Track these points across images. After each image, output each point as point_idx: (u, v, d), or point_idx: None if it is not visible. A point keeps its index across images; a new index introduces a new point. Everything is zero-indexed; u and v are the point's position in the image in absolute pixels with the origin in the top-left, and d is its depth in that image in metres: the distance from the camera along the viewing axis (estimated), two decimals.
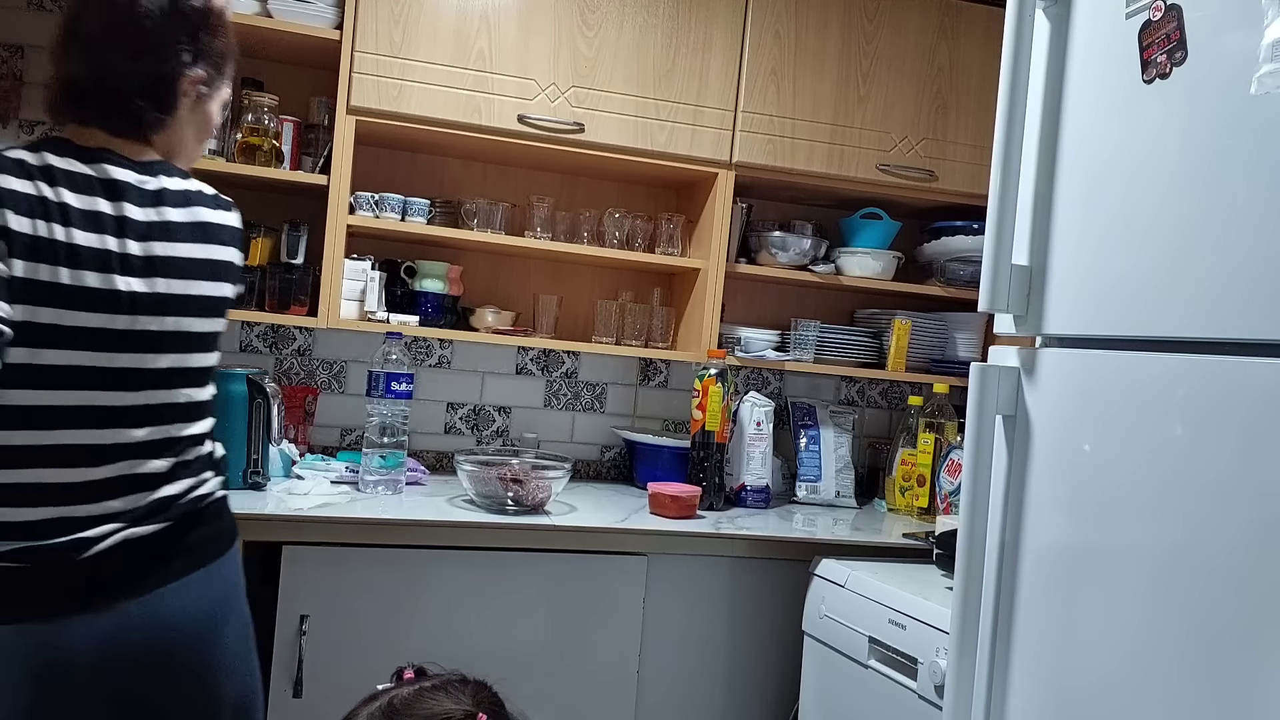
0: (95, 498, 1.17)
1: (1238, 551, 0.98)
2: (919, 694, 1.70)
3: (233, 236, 1.31)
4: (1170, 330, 1.08)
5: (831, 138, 2.43)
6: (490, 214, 2.37)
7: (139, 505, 1.20)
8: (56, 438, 1.15)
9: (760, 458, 2.47)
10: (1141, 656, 1.08)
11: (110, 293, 1.16)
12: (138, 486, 1.20)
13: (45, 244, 1.12)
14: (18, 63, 2.31)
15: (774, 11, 2.39)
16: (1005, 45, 1.29)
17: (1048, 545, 1.23)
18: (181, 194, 1.26)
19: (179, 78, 1.26)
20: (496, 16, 2.23)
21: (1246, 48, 0.99)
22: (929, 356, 2.67)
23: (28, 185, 1.12)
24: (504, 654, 1.99)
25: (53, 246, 1.12)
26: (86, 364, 1.16)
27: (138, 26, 1.21)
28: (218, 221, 1.29)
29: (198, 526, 1.26)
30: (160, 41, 1.24)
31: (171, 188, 1.25)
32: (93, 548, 1.16)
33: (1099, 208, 1.19)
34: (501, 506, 2.08)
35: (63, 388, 1.15)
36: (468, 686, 1.01)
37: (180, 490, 1.24)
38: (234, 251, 1.31)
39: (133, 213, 1.19)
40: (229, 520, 1.33)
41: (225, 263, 1.29)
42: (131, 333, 1.18)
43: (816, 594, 2.04)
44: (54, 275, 1.12)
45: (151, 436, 1.22)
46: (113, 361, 1.18)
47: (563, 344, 2.44)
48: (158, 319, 1.20)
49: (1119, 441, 1.13)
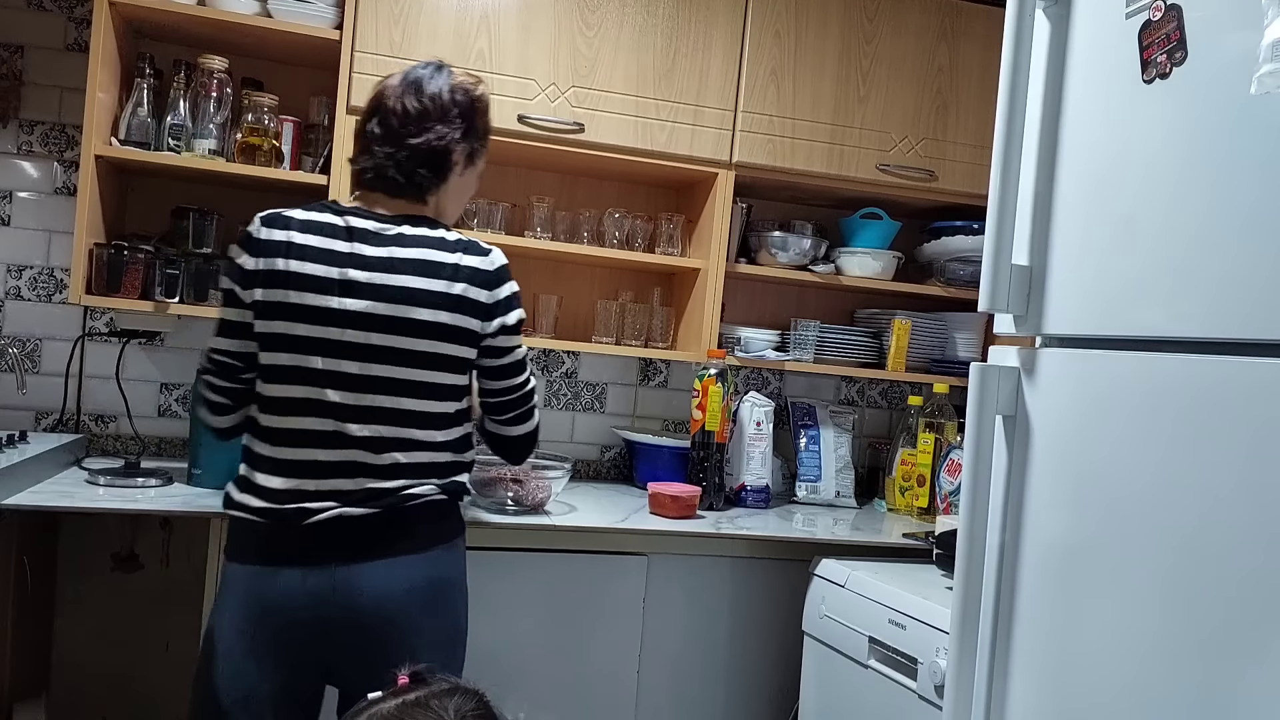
0: (321, 476, 1.45)
1: (1239, 552, 0.98)
2: (919, 694, 1.70)
3: (470, 275, 1.52)
4: (1170, 330, 1.08)
5: (831, 138, 2.43)
6: (490, 214, 2.37)
7: (355, 490, 1.46)
8: (294, 423, 1.45)
9: (760, 458, 2.47)
10: (1141, 656, 1.08)
11: (325, 309, 1.45)
12: (355, 474, 1.46)
13: (279, 275, 1.45)
14: (18, 63, 2.31)
15: (774, 11, 2.39)
16: (1005, 45, 1.29)
17: (1048, 545, 1.23)
18: (417, 238, 1.52)
19: (452, 151, 1.56)
20: (496, 16, 2.23)
21: (1246, 48, 0.98)
22: (929, 356, 2.67)
23: (278, 234, 1.47)
24: (504, 654, 1.99)
25: (285, 276, 1.45)
26: (311, 366, 1.45)
27: (426, 113, 1.54)
28: (445, 261, 1.52)
29: (407, 520, 1.48)
30: (440, 123, 1.55)
31: (408, 233, 1.52)
32: (313, 517, 1.44)
33: (1099, 207, 1.19)
34: (501, 506, 2.08)
35: (295, 384, 1.45)
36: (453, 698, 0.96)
37: (394, 486, 1.48)
38: (465, 286, 1.52)
39: (364, 251, 1.49)
40: (445, 523, 1.55)
41: (452, 295, 1.51)
42: (346, 343, 1.46)
43: (816, 594, 2.04)
44: (284, 297, 1.45)
45: (369, 434, 1.47)
46: (333, 366, 1.46)
47: (563, 344, 2.44)
48: (367, 334, 1.46)
49: (1119, 441, 1.13)
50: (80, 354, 2.35)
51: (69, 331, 2.34)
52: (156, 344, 2.40)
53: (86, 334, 2.35)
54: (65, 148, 2.33)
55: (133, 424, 2.37)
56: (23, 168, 2.32)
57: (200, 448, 2.08)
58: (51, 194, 2.34)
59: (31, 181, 2.33)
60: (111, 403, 2.36)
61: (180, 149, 2.13)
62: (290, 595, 1.44)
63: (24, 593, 1.99)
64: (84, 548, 2.34)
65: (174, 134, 2.13)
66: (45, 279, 2.34)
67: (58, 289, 2.35)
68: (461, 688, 0.99)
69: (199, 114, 2.14)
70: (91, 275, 2.10)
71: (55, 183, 2.34)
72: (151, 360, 2.40)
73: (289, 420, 1.46)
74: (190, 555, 2.34)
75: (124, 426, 2.38)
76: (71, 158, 2.33)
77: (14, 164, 2.32)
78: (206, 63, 2.14)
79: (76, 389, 2.36)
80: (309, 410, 1.46)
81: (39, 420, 2.34)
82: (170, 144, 2.13)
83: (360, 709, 0.98)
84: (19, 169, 2.32)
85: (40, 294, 2.34)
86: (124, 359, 2.36)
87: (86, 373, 2.36)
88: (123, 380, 2.35)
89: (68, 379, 2.34)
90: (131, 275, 2.12)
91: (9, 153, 2.31)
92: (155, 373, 2.41)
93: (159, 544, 2.37)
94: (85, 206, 2.05)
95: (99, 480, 1.99)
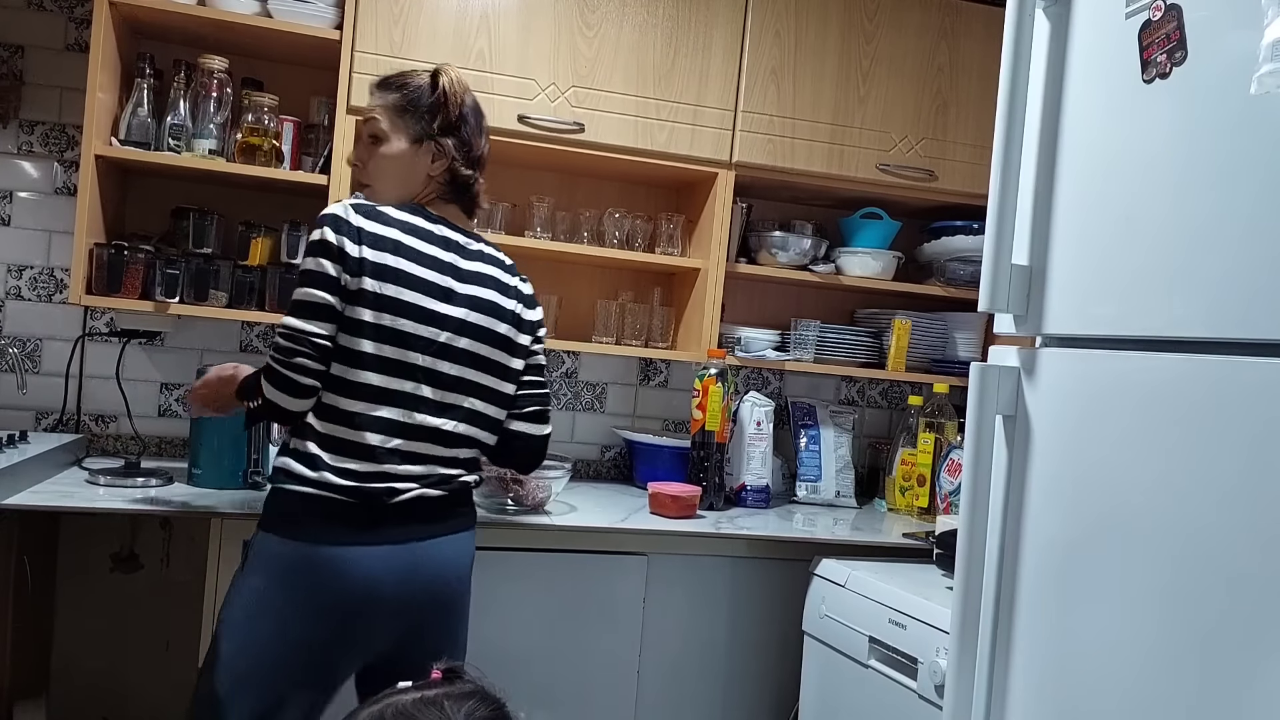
0: (403, 462, 1.53)
1: (1239, 552, 0.98)
2: (919, 694, 1.70)
3: (518, 295, 1.69)
4: (1171, 330, 1.08)
5: (831, 137, 2.43)
6: (490, 214, 2.37)
7: (429, 475, 1.56)
8: (384, 412, 1.51)
9: (760, 458, 2.47)
10: (1141, 656, 1.08)
11: (433, 312, 1.54)
12: (428, 461, 1.56)
13: (391, 271, 1.51)
14: (18, 63, 2.31)
15: (774, 11, 2.39)
16: (1005, 45, 1.29)
17: (1048, 545, 1.23)
18: (491, 257, 1.67)
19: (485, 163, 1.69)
20: (496, 16, 2.23)
21: (1246, 48, 0.98)
22: (929, 356, 2.67)
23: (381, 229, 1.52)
24: (504, 654, 1.99)
25: (397, 274, 1.51)
26: (413, 362, 1.53)
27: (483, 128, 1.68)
28: (508, 282, 1.67)
29: (460, 502, 1.64)
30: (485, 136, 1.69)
31: (485, 252, 1.67)
32: (399, 496, 1.52)
33: (1099, 207, 1.19)
34: (501, 506, 2.08)
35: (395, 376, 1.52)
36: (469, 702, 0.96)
37: (455, 474, 1.61)
38: (518, 305, 1.68)
39: (458, 263, 1.60)
40: (474, 507, 1.70)
41: (514, 313, 1.66)
42: (444, 345, 1.55)
43: (816, 594, 2.04)
44: (398, 294, 1.51)
45: (449, 428, 1.57)
46: (431, 364, 1.54)
47: (563, 344, 2.44)
48: (461, 339, 1.57)
49: (1119, 441, 1.13)
50: (80, 354, 2.35)
51: (69, 331, 2.34)
52: (156, 344, 2.40)
53: (87, 334, 2.35)
54: (65, 148, 2.33)
55: (133, 424, 2.37)
56: (23, 168, 2.32)
57: (200, 448, 2.08)
58: (51, 194, 2.34)
59: (32, 181, 2.33)
60: (111, 403, 2.36)
61: (180, 149, 2.13)
62: (382, 577, 1.50)
63: (24, 593, 1.99)
64: (84, 548, 2.34)
65: (174, 134, 2.13)
66: (45, 279, 2.34)
67: (58, 289, 2.35)
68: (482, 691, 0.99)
69: (199, 114, 2.14)
70: (91, 275, 2.10)
71: (55, 183, 2.34)
72: (151, 360, 2.41)
73: (379, 409, 1.51)
74: (190, 555, 2.34)
75: (124, 426, 2.38)
76: (71, 158, 2.33)
77: (14, 164, 2.32)
78: (206, 63, 2.14)
79: (77, 389, 2.36)
80: (401, 402, 1.52)
81: (39, 420, 2.34)
82: (170, 144, 2.13)
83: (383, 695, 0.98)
84: (19, 169, 2.32)
85: (40, 294, 2.34)
86: (124, 359, 2.36)
87: (86, 373, 2.36)
88: (123, 380, 2.35)
89: (68, 379, 2.34)
90: (131, 275, 2.12)
91: (9, 153, 2.31)
92: (155, 373, 2.41)
93: (159, 544, 2.37)
94: (85, 206, 2.05)
95: (99, 480, 1.99)
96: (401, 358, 1.52)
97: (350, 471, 1.49)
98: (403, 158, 1.60)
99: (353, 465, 1.49)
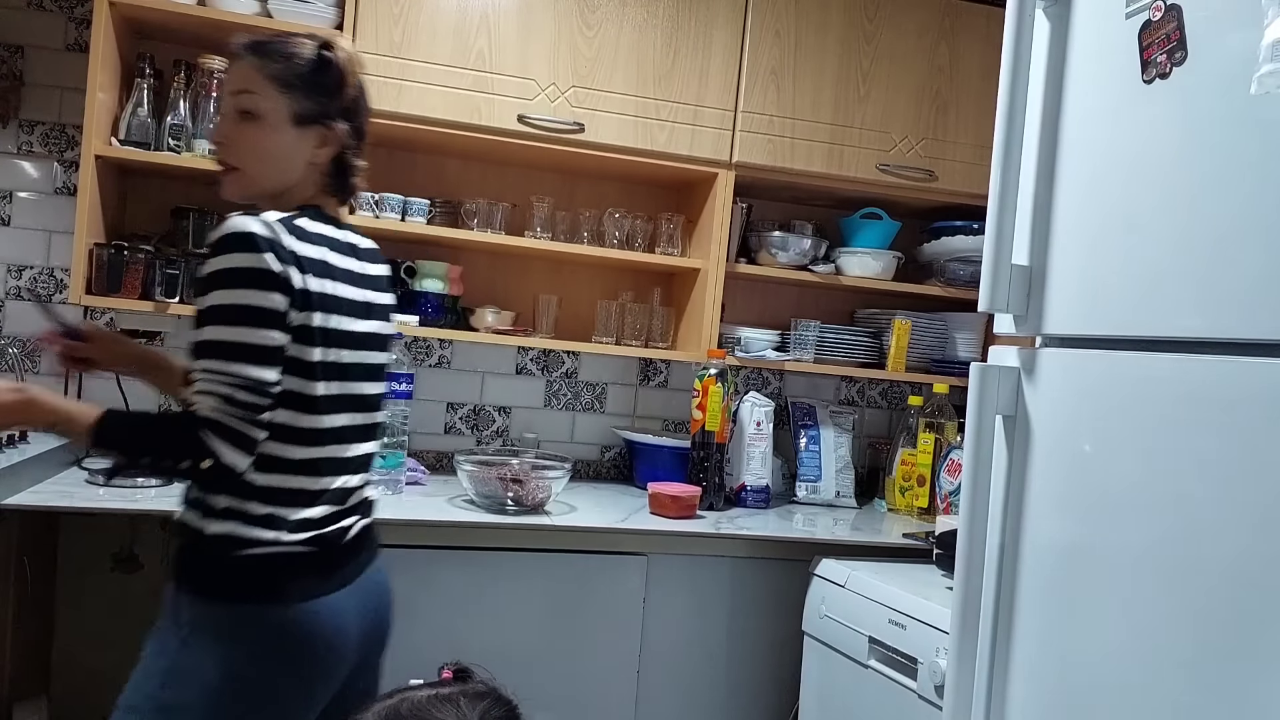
0: (345, 496, 1.41)
1: (1239, 552, 0.98)
2: (919, 694, 1.70)
3: (388, 284, 1.53)
4: (1170, 330, 1.08)
5: (831, 138, 2.43)
6: (490, 214, 2.37)
7: (361, 501, 1.47)
8: (335, 451, 1.37)
9: (760, 458, 2.47)
10: (1141, 656, 1.08)
11: (363, 334, 1.40)
12: (361, 488, 1.46)
13: (331, 299, 1.33)
14: (18, 63, 2.31)
15: (774, 11, 2.39)
16: (1005, 45, 1.29)
17: (1048, 545, 1.23)
18: (375, 252, 1.50)
19: None
20: (496, 16, 2.23)
21: (1246, 48, 0.98)
22: (929, 356, 2.67)
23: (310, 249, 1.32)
24: (504, 654, 1.99)
25: (336, 301, 1.34)
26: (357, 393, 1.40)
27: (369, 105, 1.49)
28: (387, 274, 1.52)
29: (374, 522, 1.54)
30: None
31: (371, 247, 1.50)
32: (348, 535, 1.41)
33: (1099, 208, 1.19)
34: (501, 506, 2.08)
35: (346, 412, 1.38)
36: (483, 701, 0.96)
37: (373, 495, 1.52)
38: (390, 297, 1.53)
39: (366, 269, 1.44)
40: None
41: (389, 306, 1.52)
42: (369, 364, 1.42)
43: (816, 594, 2.04)
44: (339, 323, 1.34)
45: (368, 450, 1.46)
46: (366, 389, 1.42)
47: (563, 344, 2.44)
48: (377, 355, 1.45)
49: (1119, 441, 1.13)
50: None
51: None
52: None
53: None
54: (65, 148, 2.33)
55: None
56: (23, 168, 2.32)
57: None
58: (51, 194, 2.34)
59: (31, 181, 2.33)
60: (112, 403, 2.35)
61: (180, 149, 2.13)
62: (348, 622, 1.36)
63: (24, 593, 1.99)
64: (84, 548, 2.34)
65: (174, 134, 2.13)
66: (45, 279, 2.34)
67: (58, 289, 2.35)
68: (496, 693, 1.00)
69: (199, 114, 2.14)
70: (92, 275, 2.10)
71: (55, 183, 2.34)
72: None
73: (331, 450, 1.36)
74: None
75: None
76: (71, 158, 2.33)
77: (14, 164, 2.32)
78: (206, 63, 2.14)
79: (76, 389, 2.36)
80: (343, 437, 1.38)
81: None
82: (170, 144, 2.13)
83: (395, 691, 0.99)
84: (19, 169, 2.32)
85: (41, 294, 2.34)
86: None
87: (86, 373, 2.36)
88: (123, 380, 2.35)
89: (67, 379, 2.34)
90: (131, 275, 2.12)
91: (9, 153, 2.31)
92: None
93: (159, 544, 2.37)
94: (85, 206, 2.05)
95: (99, 480, 1.99)
96: (343, 390, 1.36)
97: (306, 521, 1.33)
98: (283, 141, 1.36)
99: (306, 514, 1.33)
